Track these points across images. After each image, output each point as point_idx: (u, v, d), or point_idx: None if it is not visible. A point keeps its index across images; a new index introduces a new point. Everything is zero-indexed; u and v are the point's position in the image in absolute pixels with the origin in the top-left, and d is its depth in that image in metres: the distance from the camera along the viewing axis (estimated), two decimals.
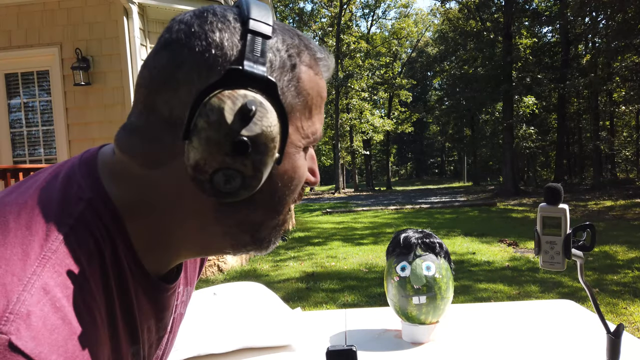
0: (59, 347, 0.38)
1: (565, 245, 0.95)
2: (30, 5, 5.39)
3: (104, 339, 0.44)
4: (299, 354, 1.32)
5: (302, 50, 0.50)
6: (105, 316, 0.45)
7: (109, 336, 0.45)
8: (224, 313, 1.35)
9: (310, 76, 0.50)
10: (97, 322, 0.43)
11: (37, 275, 0.40)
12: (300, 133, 0.50)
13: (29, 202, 0.45)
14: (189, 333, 1.28)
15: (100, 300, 0.44)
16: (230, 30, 0.46)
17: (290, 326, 1.36)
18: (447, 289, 1.33)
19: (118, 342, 0.47)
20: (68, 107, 5.43)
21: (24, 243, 0.41)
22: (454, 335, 1.38)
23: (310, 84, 0.50)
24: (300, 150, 0.50)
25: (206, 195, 0.45)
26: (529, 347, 1.27)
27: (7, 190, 0.49)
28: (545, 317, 1.51)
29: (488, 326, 1.45)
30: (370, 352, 1.29)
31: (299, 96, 0.49)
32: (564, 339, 1.32)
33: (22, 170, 3.93)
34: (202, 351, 1.29)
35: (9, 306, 0.37)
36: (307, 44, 0.51)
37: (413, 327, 1.34)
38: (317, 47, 0.52)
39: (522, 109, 21.13)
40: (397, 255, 1.37)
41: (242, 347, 1.32)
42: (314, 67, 0.51)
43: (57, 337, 0.38)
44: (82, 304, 0.41)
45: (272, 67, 0.47)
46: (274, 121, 0.44)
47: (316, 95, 0.51)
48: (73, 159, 0.54)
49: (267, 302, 1.45)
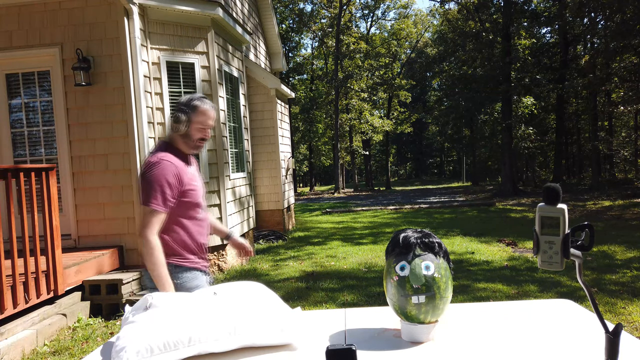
0: (166, 156, 2.07)
1: (564, 245, 0.96)
2: (31, 5, 5.40)
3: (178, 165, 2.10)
4: (298, 353, 1.32)
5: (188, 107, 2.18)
6: (176, 160, 2.10)
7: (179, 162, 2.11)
8: (224, 312, 1.35)
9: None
10: (173, 158, 2.10)
11: (159, 152, 2.11)
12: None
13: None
14: (189, 332, 1.29)
15: (174, 158, 2.10)
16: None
17: (290, 325, 1.37)
18: (446, 289, 1.34)
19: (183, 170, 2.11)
20: (69, 107, 5.44)
21: (160, 149, 2.14)
22: (452, 335, 1.39)
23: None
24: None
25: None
26: (527, 347, 1.27)
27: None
28: (543, 316, 1.52)
29: (487, 325, 1.46)
30: (369, 351, 1.30)
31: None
32: (563, 338, 1.32)
33: (23, 170, 3.93)
34: (202, 350, 1.30)
35: (154, 154, 2.08)
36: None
37: (412, 327, 1.35)
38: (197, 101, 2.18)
39: (521, 110, 21.13)
40: (397, 255, 1.38)
41: (242, 346, 1.33)
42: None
43: (166, 155, 2.07)
44: (171, 156, 2.09)
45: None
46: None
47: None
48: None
49: (267, 301, 1.45)
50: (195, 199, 2.15)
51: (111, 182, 5.40)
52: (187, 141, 2.14)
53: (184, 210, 2.11)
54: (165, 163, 2.03)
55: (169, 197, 2.02)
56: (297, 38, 33.92)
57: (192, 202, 2.13)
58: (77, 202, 5.46)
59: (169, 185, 2.02)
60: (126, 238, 5.41)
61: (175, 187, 2.05)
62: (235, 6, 8.98)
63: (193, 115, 2.12)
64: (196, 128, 2.13)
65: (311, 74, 34.17)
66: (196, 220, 2.18)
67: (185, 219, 2.13)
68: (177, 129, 2.12)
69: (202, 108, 2.13)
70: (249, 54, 9.76)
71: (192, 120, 2.12)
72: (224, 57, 6.79)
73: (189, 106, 2.13)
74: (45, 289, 4.14)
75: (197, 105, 2.13)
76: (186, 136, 2.13)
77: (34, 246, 4.00)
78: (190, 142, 2.15)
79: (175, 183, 2.04)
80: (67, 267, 4.49)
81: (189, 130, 2.12)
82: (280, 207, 9.98)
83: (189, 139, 2.14)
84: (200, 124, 2.13)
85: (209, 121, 2.16)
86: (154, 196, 1.99)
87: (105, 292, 4.77)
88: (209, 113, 2.15)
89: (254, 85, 9.53)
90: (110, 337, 3.69)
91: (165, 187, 2.00)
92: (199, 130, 2.14)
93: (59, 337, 4.10)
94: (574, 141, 27.07)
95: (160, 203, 2.00)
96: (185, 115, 2.12)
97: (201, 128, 2.14)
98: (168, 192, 2.01)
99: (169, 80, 5.83)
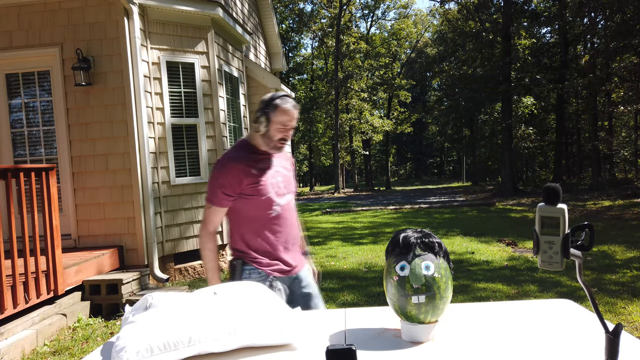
0: (233, 154, 2.08)
1: (564, 245, 0.95)
2: (31, 5, 5.40)
3: (246, 161, 2.07)
4: (298, 353, 1.32)
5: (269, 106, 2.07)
6: (245, 159, 2.07)
7: (248, 161, 2.07)
8: (224, 312, 1.35)
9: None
10: (243, 156, 2.08)
11: (230, 151, 2.12)
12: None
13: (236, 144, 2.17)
14: (189, 332, 1.29)
15: (245, 155, 2.09)
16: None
17: (290, 325, 1.37)
18: (446, 289, 1.34)
19: (252, 167, 2.07)
20: (69, 107, 5.44)
21: (233, 149, 2.14)
22: (453, 335, 1.39)
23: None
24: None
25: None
26: (527, 347, 1.27)
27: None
28: (543, 316, 1.52)
29: (487, 325, 1.46)
30: (369, 352, 1.30)
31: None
32: (563, 338, 1.32)
33: (23, 170, 3.93)
34: (202, 350, 1.30)
35: (225, 152, 2.13)
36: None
37: (412, 327, 1.35)
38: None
39: (521, 110, 21.14)
40: (397, 255, 1.38)
41: (242, 346, 1.33)
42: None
43: (234, 153, 2.08)
44: (239, 155, 2.08)
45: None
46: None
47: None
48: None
49: (267, 301, 1.45)
50: (263, 194, 2.05)
51: (111, 182, 5.41)
52: (267, 141, 2.06)
53: (251, 208, 2.06)
54: (227, 162, 2.04)
55: (224, 194, 2.03)
56: (297, 38, 33.93)
57: (259, 198, 2.05)
58: (77, 202, 5.46)
59: (225, 183, 2.02)
60: (126, 238, 5.41)
61: (232, 186, 2.02)
62: (235, 6, 8.98)
63: (273, 115, 2.02)
64: (276, 128, 2.03)
65: (311, 74, 34.18)
66: (267, 219, 2.09)
67: (253, 216, 2.07)
68: (257, 129, 2.06)
69: (283, 107, 2.02)
70: (249, 54, 9.76)
71: (272, 120, 2.02)
72: (224, 57, 6.79)
73: (269, 105, 2.03)
74: (45, 289, 4.14)
75: (278, 104, 2.02)
76: (266, 136, 2.05)
77: (34, 246, 4.00)
78: (270, 143, 2.06)
79: (233, 182, 2.02)
80: (67, 267, 4.49)
81: (269, 131, 2.04)
82: None
83: (269, 139, 2.05)
84: (281, 124, 2.03)
85: (290, 122, 2.05)
86: (209, 193, 2.07)
87: (105, 292, 4.77)
88: (290, 113, 2.03)
89: (254, 85, 9.53)
90: (110, 337, 3.69)
91: (221, 185, 2.02)
92: (279, 130, 2.04)
93: (59, 337, 4.10)
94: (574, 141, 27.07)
95: (214, 199, 2.05)
96: (265, 115, 2.03)
97: (281, 128, 2.04)
98: (224, 190, 2.02)
99: (169, 80, 5.83)
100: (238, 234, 2.11)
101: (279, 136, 2.05)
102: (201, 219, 2.16)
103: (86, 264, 4.80)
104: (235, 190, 2.03)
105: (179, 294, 1.48)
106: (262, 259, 2.09)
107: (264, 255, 2.09)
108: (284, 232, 2.13)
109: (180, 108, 5.95)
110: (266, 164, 2.11)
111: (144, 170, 5.39)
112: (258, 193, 2.05)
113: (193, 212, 6.01)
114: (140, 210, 5.36)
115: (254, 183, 2.04)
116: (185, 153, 6.01)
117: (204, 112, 6.15)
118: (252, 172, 2.05)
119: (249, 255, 2.09)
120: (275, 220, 2.10)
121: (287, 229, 2.15)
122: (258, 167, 2.08)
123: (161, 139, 5.73)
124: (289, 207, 2.17)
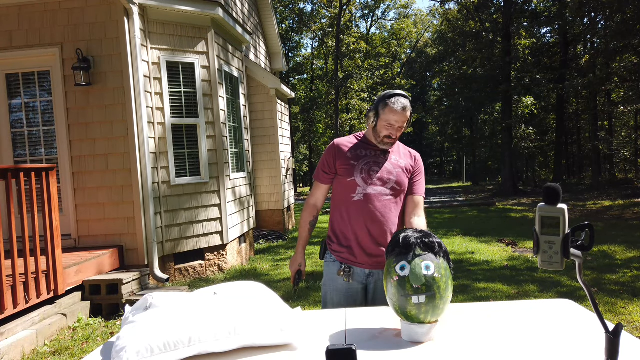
0: (342, 139, 2.23)
1: (564, 245, 0.96)
2: (31, 5, 5.40)
3: (347, 144, 2.22)
4: (298, 353, 1.32)
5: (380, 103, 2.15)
6: (347, 142, 2.24)
7: (349, 144, 2.23)
8: (224, 312, 1.35)
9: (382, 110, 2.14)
10: (348, 140, 2.24)
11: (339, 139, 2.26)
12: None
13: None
14: (189, 332, 1.29)
15: (351, 140, 2.24)
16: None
17: (290, 325, 1.37)
18: (446, 289, 1.34)
19: (350, 150, 2.20)
20: (69, 107, 5.44)
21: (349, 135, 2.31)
22: (453, 335, 1.39)
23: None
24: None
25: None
26: (527, 347, 1.27)
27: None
28: (543, 316, 1.52)
29: (487, 325, 1.46)
30: (369, 352, 1.30)
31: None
32: (563, 338, 1.32)
33: (23, 170, 3.93)
34: (202, 350, 1.30)
35: (338, 139, 2.25)
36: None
37: (412, 327, 1.35)
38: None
39: (521, 109, 21.12)
40: (397, 255, 1.38)
41: (242, 346, 1.33)
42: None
43: (343, 139, 2.24)
44: (346, 140, 2.23)
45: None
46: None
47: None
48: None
49: (267, 301, 1.45)
50: (349, 175, 2.13)
51: (111, 182, 5.40)
52: (375, 135, 2.16)
53: (340, 191, 2.18)
54: (332, 145, 2.23)
55: (322, 171, 2.24)
56: (297, 38, 33.92)
57: (345, 179, 2.15)
58: (77, 202, 5.46)
59: (324, 160, 2.22)
60: (126, 238, 5.41)
61: (328, 163, 2.21)
62: (235, 6, 8.98)
63: (382, 112, 2.09)
64: (383, 125, 2.10)
65: (311, 74, 34.17)
66: (349, 202, 2.14)
67: (340, 200, 2.19)
68: (367, 122, 2.19)
69: (391, 107, 2.07)
70: (249, 54, 9.76)
71: (380, 117, 2.10)
72: (224, 57, 6.79)
73: (380, 102, 2.11)
74: (45, 289, 4.14)
75: (388, 103, 2.08)
76: (374, 131, 2.15)
77: (34, 246, 4.00)
78: (377, 138, 2.15)
79: (329, 160, 2.20)
80: (67, 267, 4.49)
81: (376, 126, 2.13)
82: (281, 207, 9.98)
83: (377, 134, 2.14)
84: (387, 122, 2.09)
85: (396, 124, 2.09)
86: (316, 169, 2.28)
87: (106, 292, 4.77)
88: (398, 113, 2.07)
89: (254, 85, 9.53)
90: (111, 337, 3.69)
91: (322, 162, 2.23)
92: (385, 127, 2.10)
93: (59, 337, 4.10)
94: (574, 141, 27.06)
95: (316, 174, 2.28)
96: (375, 110, 2.12)
97: (387, 126, 2.10)
98: (322, 166, 2.24)
99: (169, 80, 5.83)
100: (332, 215, 2.26)
101: (385, 133, 2.12)
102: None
103: (86, 264, 4.80)
104: (330, 168, 2.20)
105: (179, 294, 1.48)
106: (335, 244, 2.21)
107: (339, 239, 2.19)
108: (362, 220, 2.12)
109: (180, 108, 5.94)
110: (367, 152, 2.18)
111: (144, 170, 5.39)
112: (345, 174, 2.14)
113: (193, 212, 6.00)
114: (141, 210, 5.36)
115: (345, 164, 2.15)
116: (186, 153, 6.01)
117: (204, 112, 6.15)
118: (347, 155, 2.17)
119: (330, 237, 2.23)
120: (356, 206, 2.13)
121: (369, 220, 2.12)
122: (356, 152, 2.18)
123: (161, 139, 5.73)
124: (380, 199, 2.13)
